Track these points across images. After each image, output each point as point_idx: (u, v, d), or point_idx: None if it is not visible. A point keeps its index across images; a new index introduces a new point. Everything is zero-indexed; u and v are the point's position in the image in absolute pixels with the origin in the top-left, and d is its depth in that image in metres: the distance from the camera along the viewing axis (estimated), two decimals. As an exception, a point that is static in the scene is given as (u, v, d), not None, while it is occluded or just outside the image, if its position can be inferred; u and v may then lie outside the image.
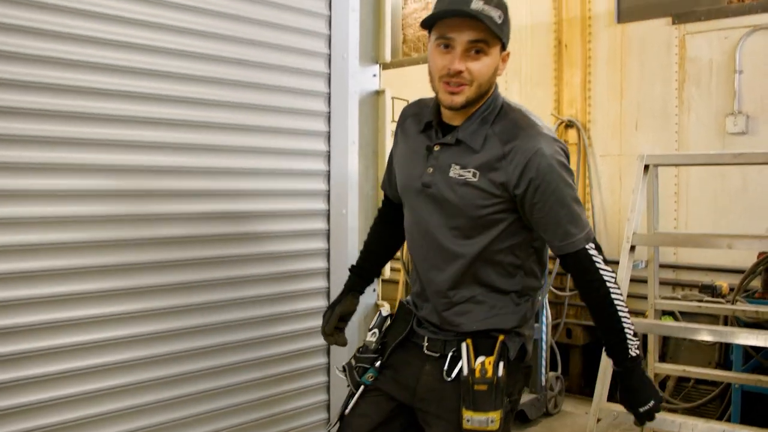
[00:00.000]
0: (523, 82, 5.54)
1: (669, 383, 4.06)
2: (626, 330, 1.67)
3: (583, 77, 5.15)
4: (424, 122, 1.78)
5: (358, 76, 2.85)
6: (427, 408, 1.74)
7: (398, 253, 4.75)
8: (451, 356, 1.72)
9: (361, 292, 2.10)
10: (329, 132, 2.71)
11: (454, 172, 1.67)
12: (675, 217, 4.63)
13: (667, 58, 4.72)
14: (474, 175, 1.65)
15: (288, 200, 2.60)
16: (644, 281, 3.71)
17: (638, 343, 1.71)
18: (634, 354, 1.68)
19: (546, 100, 5.37)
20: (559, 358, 4.83)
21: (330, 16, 2.70)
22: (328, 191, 2.71)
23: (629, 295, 4.21)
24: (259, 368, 2.51)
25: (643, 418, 1.70)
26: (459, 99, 1.63)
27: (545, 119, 5.22)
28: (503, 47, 1.66)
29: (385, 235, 2.09)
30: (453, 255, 1.72)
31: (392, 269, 5.66)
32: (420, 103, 1.87)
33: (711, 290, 3.94)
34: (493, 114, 1.68)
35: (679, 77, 4.65)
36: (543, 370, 4.42)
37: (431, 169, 1.71)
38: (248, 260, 2.48)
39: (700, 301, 3.73)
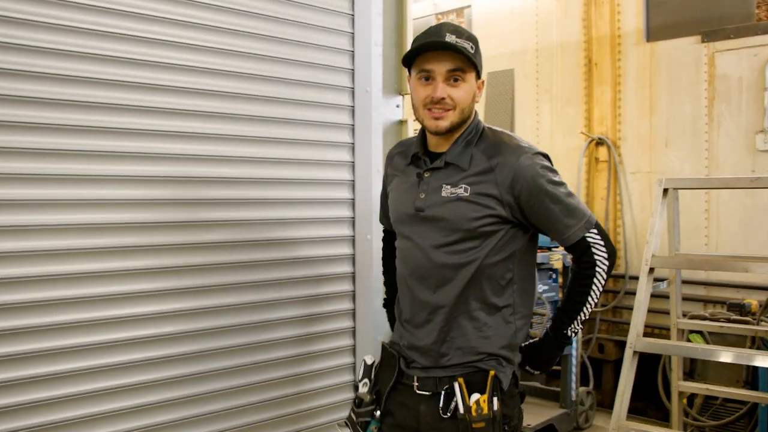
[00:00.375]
0: (554, 100, 5.62)
1: (697, 401, 4.08)
2: (581, 312, 1.83)
3: (613, 95, 5.20)
4: (411, 155, 1.93)
5: (381, 108, 2.99)
6: None
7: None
8: (445, 393, 1.78)
9: None
10: (354, 162, 2.86)
11: (446, 191, 1.80)
12: (706, 234, 4.64)
13: (696, 76, 4.75)
14: (465, 190, 1.78)
15: (316, 227, 2.75)
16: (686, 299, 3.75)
17: (579, 330, 1.87)
18: (568, 333, 1.85)
19: (577, 117, 5.44)
20: (591, 373, 4.87)
21: (353, 52, 2.86)
22: (353, 218, 2.86)
23: (656, 311, 4.28)
24: (290, 385, 2.66)
25: (523, 371, 1.93)
26: (444, 123, 1.78)
27: (576, 137, 5.31)
28: (478, 75, 1.82)
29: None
30: (450, 271, 1.81)
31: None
32: (403, 143, 2.05)
33: (739, 308, 3.93)
34: (476, 136, 1.84)
35: (708, 95, 4.67)
36: (573, 385, 4.48)
37: (423, 194, 1.84)
38: (280, 284, 2.64)
39: (727, 320, 3.74)
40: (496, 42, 6.06)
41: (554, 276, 4.50)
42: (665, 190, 3.01)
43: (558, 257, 4.44)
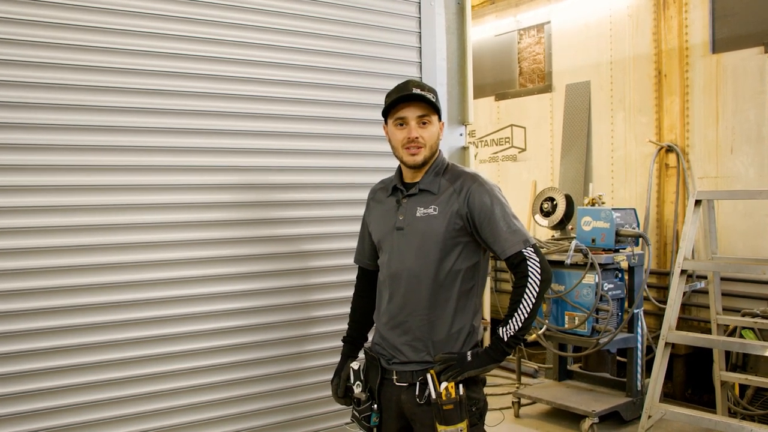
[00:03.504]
0: (627, 110, 5.97)
1: (748, 392, 4.36)
2: (516, 319, 2.13)
3: (682, 105, 5.51)
4: (391, 187, 2.36)
5: (447, 137, 3.59)
6: (414, 425, 2.26)
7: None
8: (420, 383, 2.18)
9: (356, 357, 2.51)
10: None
11: (420, 212, 2.23)
12: (771, 236, 4.89)
13: (760, 86, 4.99)
14: (435, 209, 2.21)
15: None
16: (733, 295, 4.07)
17: (514, 335, 2.13)
18: (503, 337, 2.15)
19: (648, 126, 5.78)
20: (660, 366, 5.22)
21: (421, 94, 3.47)
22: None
23: (701, 306, 4.56)
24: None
25: (444, 371, 2.14)
26: (419, 157, 2.23)
27: (647, 145, 5.67)
28: (439, 118, 2.28)
29: (364, 306, 2.54)
30: (425, 277, 2.19)
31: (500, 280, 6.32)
32: (383, 181, 2.48)
33: (786, 306, 4.20)
34: (442, 168, 2.29)
35: (771, 103, 4.91)
36: (639, 376, 4.86)
37: (402, 216, 2.27)
38: (334, 270, 3.19)
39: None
40: (573, 56, 6.48)
41: (620, 275, 4.90)
42: (698, 201, 3.42)
43: (623, 257, 4.85)
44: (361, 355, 2.50)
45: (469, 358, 2.17)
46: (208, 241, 2.87)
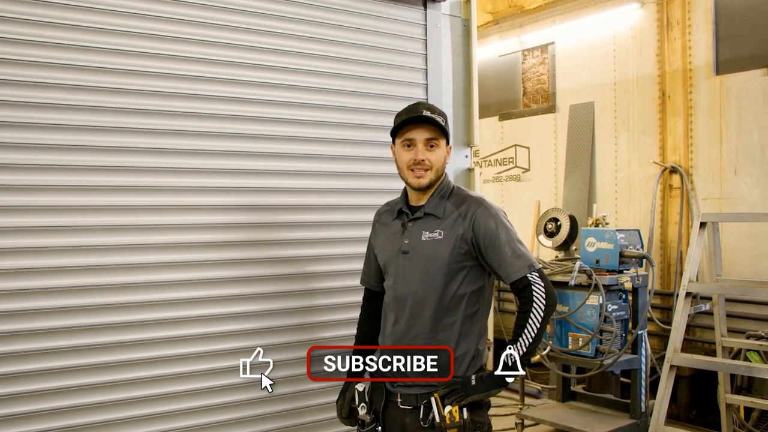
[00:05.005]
0: (630, 130, 6.00)
1: (753, 414, 4.34)
2: (521, 344, 2.13)
3: (686, 126, 5.53)
4: (397, 210, 2.36)
5: (453, 158, 3.59)
6: None
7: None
8: (424, 406, 2.18)
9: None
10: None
11: (425, 236, 2.24)
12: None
13: (763, 107, 5.02)
14: (440, 234, 2.22)
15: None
16: (738, 317, 4.06)
17: (519, 358, 2.12)
18: (508, 362, 2.12)
19: (652, 147, 5.80)
20: (664, 387, 5.18)
21: (427, 115, 3.48)
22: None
23: (705, 328, 4.54)
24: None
25: (449, 395, 2.14)
26: (424, 180, 2.23)
27: (650, 166, 5.69)
28: (447, 142, 2.28)
29: (370, 328, 2.51)
30: (431, 299, 2.19)
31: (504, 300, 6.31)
32: (389, 203, 2.48)
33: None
34: (447, 192, 2.29)
35: (775, 124, 4.94)
36: (643, 398, 4.83)
37: (407, 240, 2.27)
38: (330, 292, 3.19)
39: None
40: (577, 76, 6.52)
41: (624, 296, 4.88)
42: (703, 224, 3.42)
43: (627, 278, 4.84)
44: None
45: (473, 382, 2.17)
46: (213, 262, 2.87)
